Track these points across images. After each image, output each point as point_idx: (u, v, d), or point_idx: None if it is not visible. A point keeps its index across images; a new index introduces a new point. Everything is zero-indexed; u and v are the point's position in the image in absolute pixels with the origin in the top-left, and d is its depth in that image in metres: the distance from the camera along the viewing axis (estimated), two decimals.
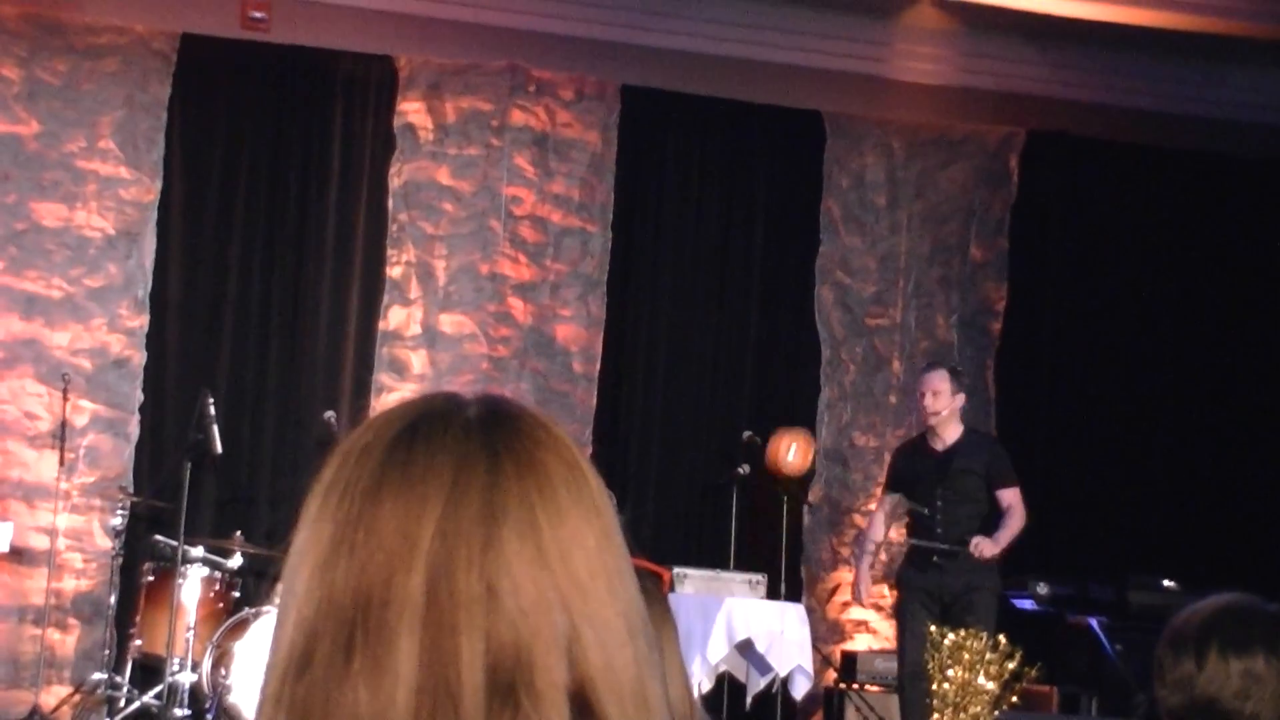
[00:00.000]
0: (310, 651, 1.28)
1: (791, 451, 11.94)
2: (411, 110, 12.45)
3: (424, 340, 12.26)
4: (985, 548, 10.38)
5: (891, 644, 12.73)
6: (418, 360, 12.22)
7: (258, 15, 11.98)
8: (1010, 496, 10.65)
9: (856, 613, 12.84)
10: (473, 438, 1.34)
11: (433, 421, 1.36)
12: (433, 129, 12.48)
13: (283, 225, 12.13)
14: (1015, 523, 10.59)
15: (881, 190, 13.34)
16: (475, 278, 12.43)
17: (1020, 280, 13.46)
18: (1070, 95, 13.39)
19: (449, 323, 12.33)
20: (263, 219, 12.10)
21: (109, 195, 11.75)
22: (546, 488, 1.33)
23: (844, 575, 12.87)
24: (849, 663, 12.07)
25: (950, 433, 10.68)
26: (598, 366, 12.56)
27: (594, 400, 12.50)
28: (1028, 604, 11.93)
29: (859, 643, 12.70)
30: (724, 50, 12.85)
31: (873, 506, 12.89)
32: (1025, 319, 13.45)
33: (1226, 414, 13.45)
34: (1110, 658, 11.09)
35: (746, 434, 11.67)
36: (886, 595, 12.95)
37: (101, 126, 11.81)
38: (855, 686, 11.67)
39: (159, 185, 11.85)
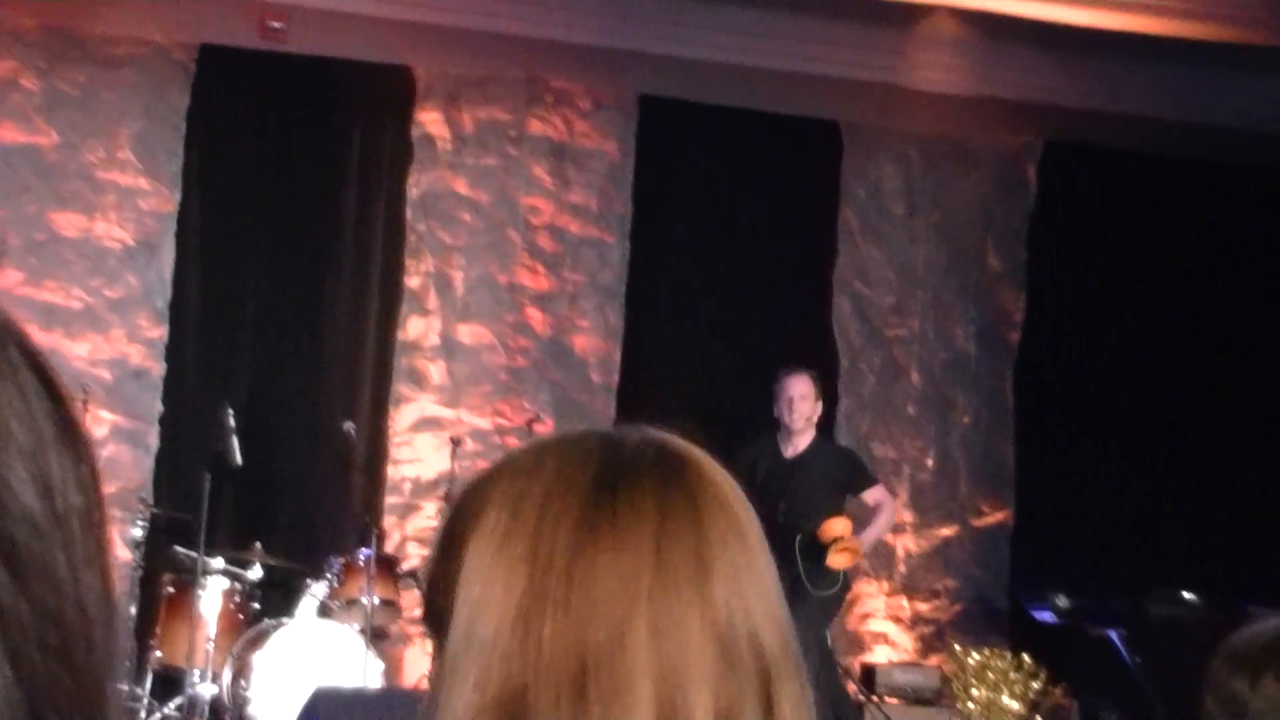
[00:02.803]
0: (523, 704, 1.28)
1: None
2: (429, 120, 12.44)
3: (442, 351, 12.25)
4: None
5: (911, 656, 12.72)
6: (436, 371, 12.22)
7: (276, 25, 11.96)
8: (876, 494, 10.66)
9: (875, 625, 12.81)
10: (671, 484, 1.37)
11: (623, 470, 1.37)
12: (450, 139, 12.48)
13: (301, 236, 12.12)
14: (885, 519, 10.64)
15: (899, 200, 13.33)
16: (493, 288, 12.42)
17: (1039, 290, 13.44)
18: (1088, 104, 13.32)
19: (467, 333, 12.32)
20: (281, 229, 12.09)
21: (128, 206, 11.75)
22: (739, 528, 1.38)
23: (863, 587, 12.84)
24: (868, 675, 12.05)
25: (803, 439, 10.63)
26: (616, 377, 12.55)
27: (612, 411, 12.48)
28: (1046, 616, 11.90)
29: (878, 655, 12.66)
30: (741, 59, 12.80)
31: None
32: (1044, 329, 13.42)
33: (1247, 424, 13.42)
34: (1130, 670, 11.07)
35: None
36: (905, 606, 12.93)
37: (120, 137, 11.81)
38: (875, 699, 11.64)
39: (178, 196, 11.84)
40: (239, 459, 10.53)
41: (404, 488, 12.00)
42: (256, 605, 10.52)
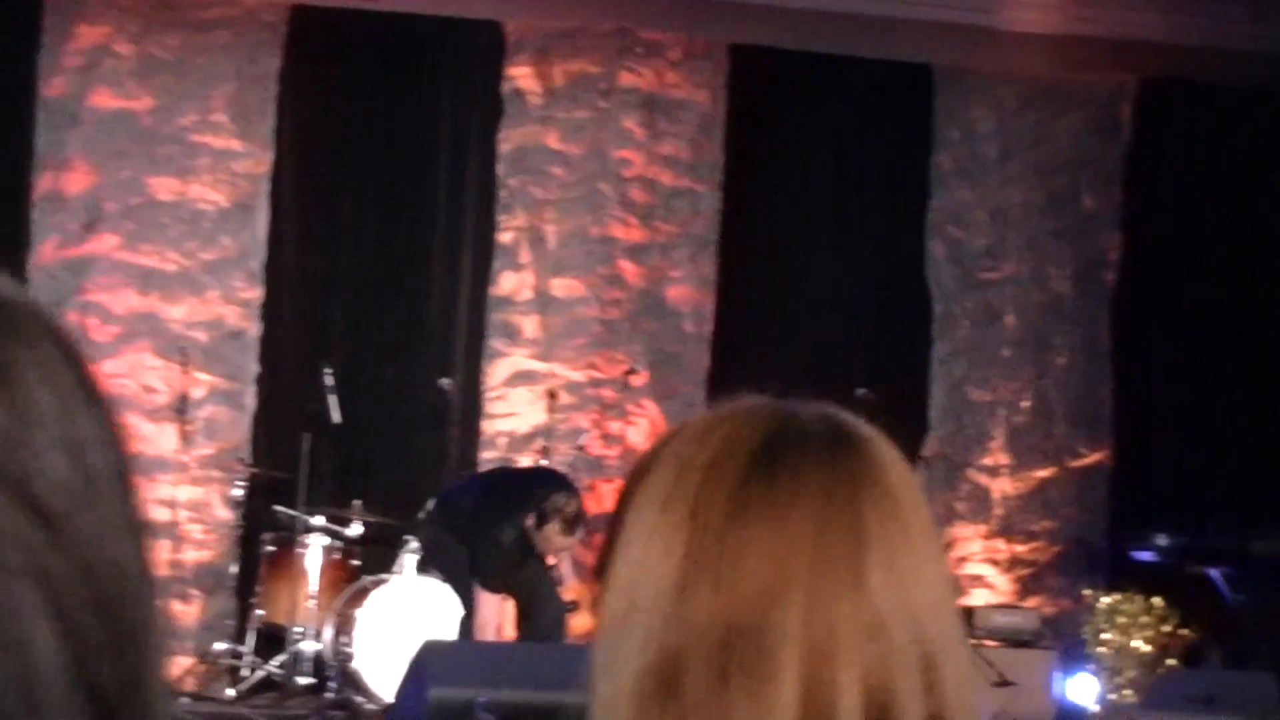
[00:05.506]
0: (676, 675, 1.28)
1: None
2: (520, 75, 12.47)
3: (536, 305, 12.31)
4: None
5: (1009, 598, 12.70)
6: (529, 325, 12.28)
7: None
8: None
9: (973, 568, 12.82)
10: (836, 462, 1.34)
11: (789, 443, 1.35)
12: (541, 93, 12.50)
13: (394, 193, 12.20)
14: None
15: (992, 142, 13.24)
16: (586, 241, 12.46)
17: (1135, 229, 13.32)
18: (1183, 40, 13.13)
19: (560, 286, 12.37)
20: (374, 188, 12.18)
21: (222, 168, 11.87)
22: (900, 514, 1.34)
23: (960, 530, 12.84)
24: (966, 617, 12.05)
25: None
26: (710, 327, 12.56)
27: (707, 361, 12.51)
28: (1147, 555, 11.86)
29: (976, 598, 12.67)
30: (830, 5, 12.67)
31: (987, 461, 12.86)
32: (1141, 268, 13.30)
33: None
34: (1232, 608, 11.05)
35: (860, 391, 11.61)
36: (1002, 548, 12.91)
37: (213, 100, 11.92)
38: (973, 642, 11.65)
39: (271, 157, 11.95)
40: (338, 417, 10.68)
41: (499, 442, 12.09)
42: (357, 562, 10.67)
